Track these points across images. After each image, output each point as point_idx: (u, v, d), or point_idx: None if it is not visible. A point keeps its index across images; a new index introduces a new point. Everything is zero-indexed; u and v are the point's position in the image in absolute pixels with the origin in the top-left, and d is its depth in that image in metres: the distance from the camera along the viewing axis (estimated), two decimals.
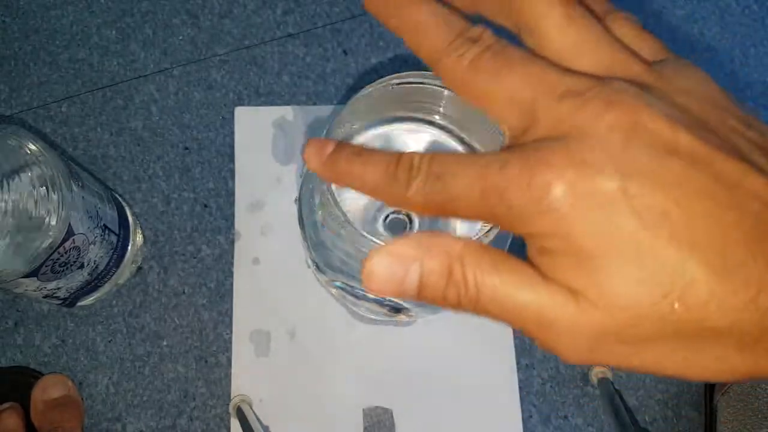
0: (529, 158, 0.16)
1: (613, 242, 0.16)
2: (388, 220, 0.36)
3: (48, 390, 0.43)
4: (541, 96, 0.17)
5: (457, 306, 0.18)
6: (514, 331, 0.47)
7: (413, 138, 0.34)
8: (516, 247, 0.20)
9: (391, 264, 0.18)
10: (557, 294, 0.17)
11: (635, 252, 0.16)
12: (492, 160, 0.17)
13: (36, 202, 0.34)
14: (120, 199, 0.47)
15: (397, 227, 0.36)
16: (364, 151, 0.19)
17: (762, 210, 0.16)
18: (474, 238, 0.27)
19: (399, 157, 0.18)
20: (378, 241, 0.28)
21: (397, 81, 0.30)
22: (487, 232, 0.28)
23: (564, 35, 0.18)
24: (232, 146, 0.50)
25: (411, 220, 0.36)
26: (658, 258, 0.16)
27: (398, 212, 0.36)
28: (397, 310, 0.36)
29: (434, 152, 0.18)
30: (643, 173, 0.16)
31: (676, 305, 0.16)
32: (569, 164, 0.16)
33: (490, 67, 0.18)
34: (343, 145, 0.20)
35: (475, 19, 0.19)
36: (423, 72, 0.30)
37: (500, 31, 0.19)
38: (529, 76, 0.17)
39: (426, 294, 0.18)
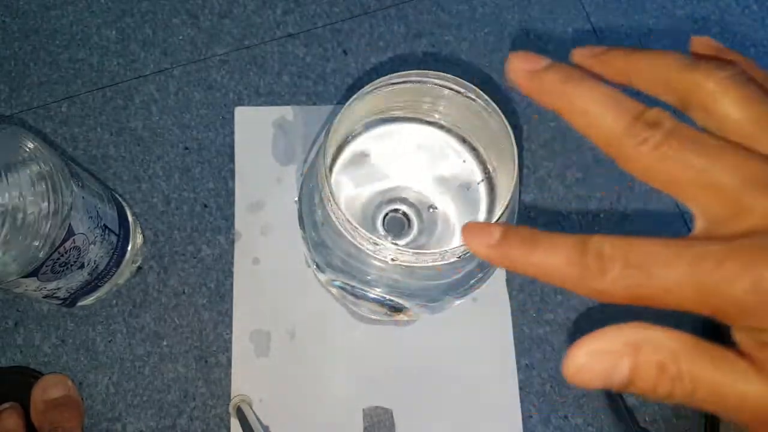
0: (753, 255, 0.16)
1: None
2: (387, 218, 0.36)
3: (48, 390, 0.43)
4: (745, 185, 0.16)
5: (669, 399, 0.17)
6: (515, 331, 0.47)
7: (413, 138, 0.34)
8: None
9: (598, 362, 0.17)
10: None
11: None
12: (705, 254, 0.16)
13: (36, 202, 0.34)
14: (120, 199, 0.47)
15: (397, 226, 0.36)
16: (538, 236, 0.18)
17: None
18: None
19: (584, 243, 0.17)
20: (378, 240, 0.28)
21: (397, 81, 0.30)
22: None
23: (744, 116, 0.17)
24: (232, 146, 0.50)
25: (409, 221, 0.36)
26: None
27: (397, 211, 0.36)
28: (397, 310, 0.36)
29: (622, 238, 0.17)
30: None
31: None
32: None
33: (679, 156, 0.17)
34: (512, 229, 0.19)
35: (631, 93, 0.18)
36: (423, 71, 0.30)
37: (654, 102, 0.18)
38: (728, 162, 0.17)
39: (635, 387, 0.17)
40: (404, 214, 0.36)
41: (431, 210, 0.35)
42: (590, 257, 0.17)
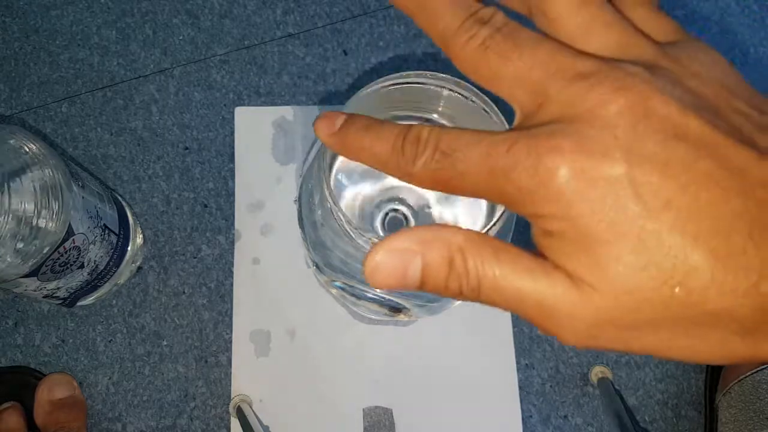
0: (537, 140, 0.17)
1: (617, 228, 0.16)
2: (387, 218, 0.36)
3: (54, 390, 0.43)
4: (551, 77, 0.17)
5: (459, 296, 0.18)
6: (515, 331, 0.47)
7: None
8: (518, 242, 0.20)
9: (392, 259, 0.18)
10: (558, 281, 0.17)
11: (638, 238, 0.16)
12: (500, 140, 0.17)
13: (36, 202, 0.34)
14: (120, 199, 0.47)
15: (396, 226, 0.36)
16: (374, 123, 0.20)
17: (766, 196, 0.16)
18: None
19: (407, 131, 0.19)
20: (377, 240, 0.28)
21: (397, 81, 0.30)
22: (488, 230, 0.28)
23: (575, 17, 0.18)
24: (232, 146, 0.50)
25: (408, 221, 0.36)
26: (661, 244, 0.16)
27: (396, 210, 0.36)
28: (397, 310, 0.36)
29: (442, 127, 0.18)
30: (650, 159, 0.16)
31: (677, 290, 0.16)
32: (576, 149, 0.16)
33: (500, 49, 0.18)
34: (354, 117, 0.20)
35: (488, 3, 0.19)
36: (422, 72, 0.30)
37: (513, 15, 0.19)
38: (540, 57, 0.17)
39: (428, 286, 0.18)
40: (403, 214, 0.36)
41: (432, 211, 0.35)
42: (408, 142, 0.18)
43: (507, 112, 0.23)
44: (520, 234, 0.19)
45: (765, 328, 0.16)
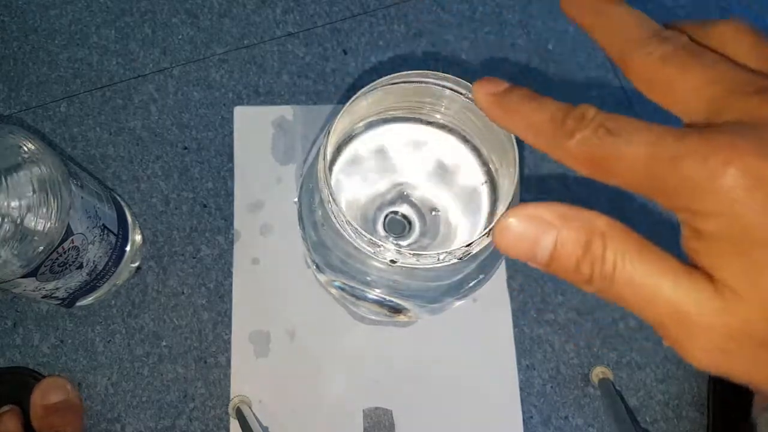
0: (713, 135, 0.16)
1: None
2: (387, 220, 0.35)
3: (47, 394, 0.43)
4: (732, 90, 0.17)
5: (589, 282, 0.17)
6: (515, 332, 0.47)
7: (414, 138, 0.34)
8: None
9: (526, 225, 0.18)
10: (701, 286, 0.16)
11: None
12: (670, 130, 0.17)
13: (34, 202, 0.34)
14: (119, 198, 0.47)
15: (396, 227, 0.36)
16: (538, 95, 0.19)
17: None
18: (477, 237, 0.27)
19: (571, 107, 0.18)
20: (378, 242, 0.28)
21: (398, 80, 0.30)
22: (488, 233, 0.27)
23: (752, 54, 0.19)
24: (231, 146, 0.50)
25: (410, 222, 0.36)
26: None
27: (396, 213, 0.36)
28: (397, 310, 0.36)
29: (612, 113, 0.18)
30: None
31: None
32: (754, 150, 0.15)
33: (681, 61, 0.18)
34: (518, 86, 0.20)
35: None
36: (424, 71, 0.30)
37: None
38: (721, 73, 0.17)
39: (558, 264, 0.18)
40: (404, 216, 0.36)
41: (433, 212, 0.35)
42: (572, 117, 0.18)
43: None
44: None
45: None
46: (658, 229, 0.49)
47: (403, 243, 0.35)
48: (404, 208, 0.36)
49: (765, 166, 0.15)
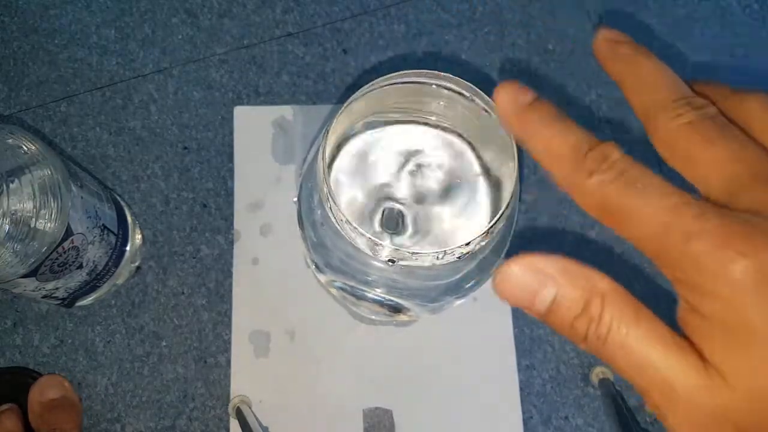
0: (731, 221, 0.16)
1: None
2: (384, 218, 0.35)
3: (45, 392, 0.43)
4: (753, 176, 0.17)
5: (583, 340, 0.18)
6: (515, 332, 0.47)
7: (413, 138, 0.34)
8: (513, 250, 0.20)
9: (527, 276, 0.18)
10: (690, 361, 0.16)
11: None
12: (690, 203, 0.16)
13: (34, 202, 0.34)
14: (119, 198, 0.47)
15: (392, 222, 0.36)
16: (563, 118, 0.19)
17: None
18: (476, 237, 0.27)
19: (597, 142, 0.18)
20: (377, 241, 0.28)
21: (397, 80, 0.30)
22: (490, 227, 0.27)
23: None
24: (231, 146, 0.50)
25: (409, 221, 0.35)
26: None
27: (394, 211, 0.36)
28: (397, 310, 0.36)
29: (634, 160, 0.17)
30: None
31: None
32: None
33: (707, 132, 0.17)
34: (543, 101, 0.19)
35: None
36: (422, 71, 0.30)
37: None
38: (744, 153, 0.17)
39: (555, 318, 0.18)
40: (403, 215, 0.35)
41: (431, 210, 0.35)
42: (594, 153, 0.17)
43: None
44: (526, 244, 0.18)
45: None
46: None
47: (402, 242, 0.35)
48: (403, 208, 0.36)
49: None
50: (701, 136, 0.17)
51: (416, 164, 0.35)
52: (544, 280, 0.17)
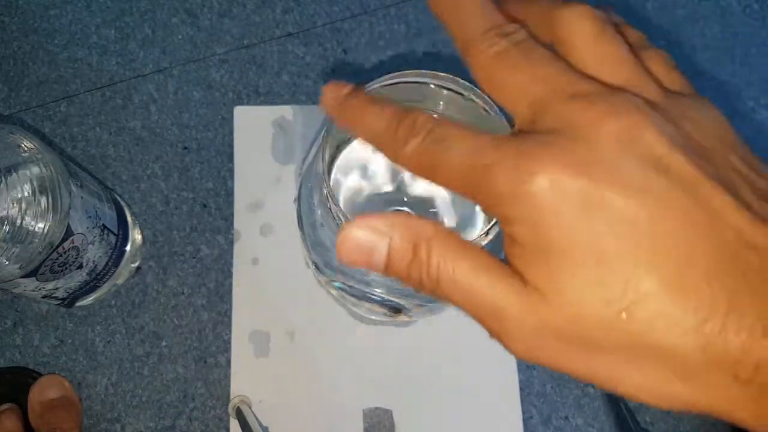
0: (525, 145, 0.17)
1: (579, 242, 0.16)
2: None
3: (45, 391, 0.43)
4: (552, 93, 0.18)
5: (420, 285, 0.19)
6: None
7: None
8: None
9: (362, 236, 0.19)
10: (513, 286, 0.17)
11: (597, 256, 0.16)
12: (490, 139, 0.18)
13: (34, 202, 0.34)
14: (119, 198, 0.47)
15: None
16: (378, 100, 0.20)
17: (734, 242, 0.16)
18: (473, 240, 0.27)
19: (405, 114, 0.19)
20: None
21: (397, 80, 0.30)
22: (487, 230, 0.27)
23: (590, 49, 0.19)
24: (231, 146, 0.50)
25: None
26: (616, 266, 0.16)
27: (392, 210, 0.36)
28: (397, 310, 0.36)
29: (439, 118, 0.19)
30: (626, 184, 0.16)
31: (623, 315, 0.16)
32: (559, 160, 0.16)
33: (512, 60, 0.18)
34: (359, 90, 0.21)
35: None
36: (422, 71, 0.30)
37: None
38: (546, 73, 0.18)
39: (393, 269, 0.19)
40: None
41: (431, 211, 0.35)
42: (403, 125, 0.19)
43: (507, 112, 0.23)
44: None
45: (704, 375, 0.16)
46: None
47: None
48: (403, 208, 0.36)
49: (565, 177, 0.16)
50: (508, 63, 0.18)
51: None
52: (377, 235, 0.19)
